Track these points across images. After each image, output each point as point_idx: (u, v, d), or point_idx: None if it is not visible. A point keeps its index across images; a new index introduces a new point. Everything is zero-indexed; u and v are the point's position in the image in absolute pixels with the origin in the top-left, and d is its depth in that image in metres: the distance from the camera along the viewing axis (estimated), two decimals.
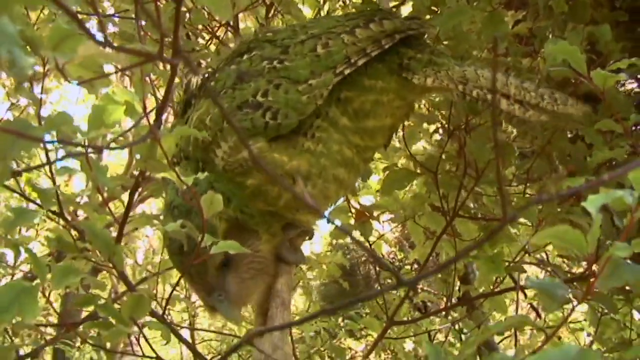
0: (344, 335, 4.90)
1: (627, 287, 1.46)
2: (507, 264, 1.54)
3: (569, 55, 1.00)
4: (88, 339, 0.97)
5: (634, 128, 1.45)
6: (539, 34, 1.63)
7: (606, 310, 1.52)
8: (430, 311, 4.28)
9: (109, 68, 1.22)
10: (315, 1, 2.44)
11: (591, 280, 0.68)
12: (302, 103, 1.19)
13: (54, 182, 1.04)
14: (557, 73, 1.16)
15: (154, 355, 1.10)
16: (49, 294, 0.82)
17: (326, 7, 2.43)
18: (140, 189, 1.09)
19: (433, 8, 1.75)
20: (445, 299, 3.30)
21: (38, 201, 1.07)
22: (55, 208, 1.08)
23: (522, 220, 1.77)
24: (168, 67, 1.74)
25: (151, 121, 0.83)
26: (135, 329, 0.92)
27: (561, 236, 0.63)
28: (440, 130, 2.39)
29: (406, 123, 1.66)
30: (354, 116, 1.28)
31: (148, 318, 1.01)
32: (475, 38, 1.61)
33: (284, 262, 1.27)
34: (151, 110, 0.92)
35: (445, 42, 1.64)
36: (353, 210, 1.77)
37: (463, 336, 3.38)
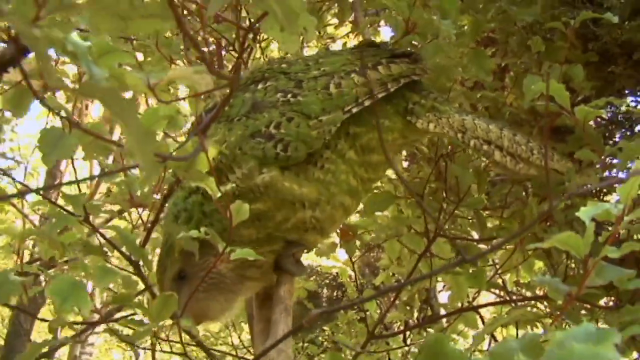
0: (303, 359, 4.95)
1: (588, 305, 1.59)
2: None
3: (555, 92, 1.12)
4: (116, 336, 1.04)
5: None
6: (515, 70, 1.76)
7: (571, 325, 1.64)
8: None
9: None
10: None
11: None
12: (311, 137, 1.27)
13: (79, 191, 1.11)
14: (542, 107, 1.28)
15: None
16: (92, 291, 0.88)
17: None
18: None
19: (414, 43, 1.88)
20: (414, 318, 3.40)
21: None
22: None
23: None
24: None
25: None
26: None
27: (564, 240, 0.74)
28: (407, 158, 2.53)
29: None
30: (361, 151, 1.36)
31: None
32: (454, 72, 1.74)
33: (287, 274, 1.34)
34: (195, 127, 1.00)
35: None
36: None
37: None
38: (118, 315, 1.24)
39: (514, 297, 1.99)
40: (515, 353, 0.52)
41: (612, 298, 1.72)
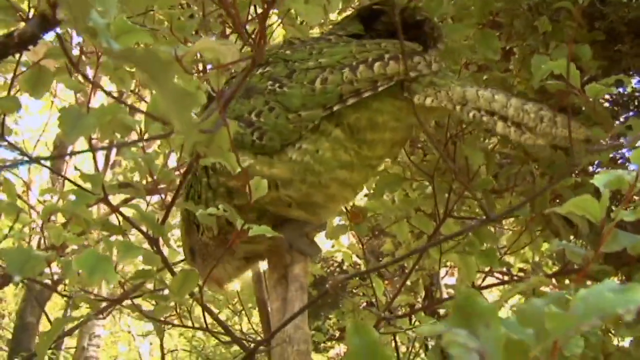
0: None
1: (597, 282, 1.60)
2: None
3: (564, 70, 1.13)
4: (134, 311, 1.06)
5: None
6: (520, 52, 1.77)
7: None
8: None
9: None
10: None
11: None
12: (288, 130, 1.27)
13: (97, 169, 1.13)
14: (553, 86, 1.28)
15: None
16: (116, 267, 0.90)
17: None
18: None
19: None
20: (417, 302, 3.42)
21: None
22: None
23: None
24: None
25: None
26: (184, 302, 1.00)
27: (581, 204, 0.75)
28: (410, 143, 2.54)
29: None
30: (349, 130, 1.32)
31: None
32: (461, 54, 1.75)
33: (302, 254, 1.36)
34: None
35: None
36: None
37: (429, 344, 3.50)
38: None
39: (520, 278, 2.02)
40: (542, 309, 0.53)
41: (621, 277, 1.74)
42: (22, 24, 0.84)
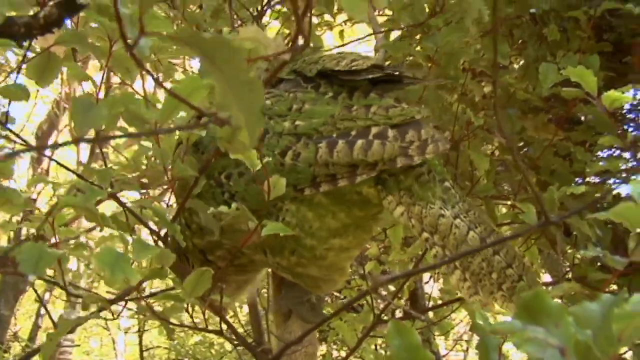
0: None
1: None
2: None
3: (582, 78, 1.13)
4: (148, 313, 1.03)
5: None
6: (527, 60, 1.77)
7: None
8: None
9: None
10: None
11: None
12: (259, 200, 1.07)
13: (105, 164, 1.10)
14: (568, 93, 1.28)
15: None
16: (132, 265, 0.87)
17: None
18: None
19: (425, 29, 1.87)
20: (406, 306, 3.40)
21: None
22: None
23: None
24: None
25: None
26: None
27: (621, 212, 0.74)
28: None
29: None
30: (331, 194, 1.15)
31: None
32: (463, 56, 1.73)
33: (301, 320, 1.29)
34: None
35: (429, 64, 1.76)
36: None
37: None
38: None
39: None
40: (600, 311, 0.51)
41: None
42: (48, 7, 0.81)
